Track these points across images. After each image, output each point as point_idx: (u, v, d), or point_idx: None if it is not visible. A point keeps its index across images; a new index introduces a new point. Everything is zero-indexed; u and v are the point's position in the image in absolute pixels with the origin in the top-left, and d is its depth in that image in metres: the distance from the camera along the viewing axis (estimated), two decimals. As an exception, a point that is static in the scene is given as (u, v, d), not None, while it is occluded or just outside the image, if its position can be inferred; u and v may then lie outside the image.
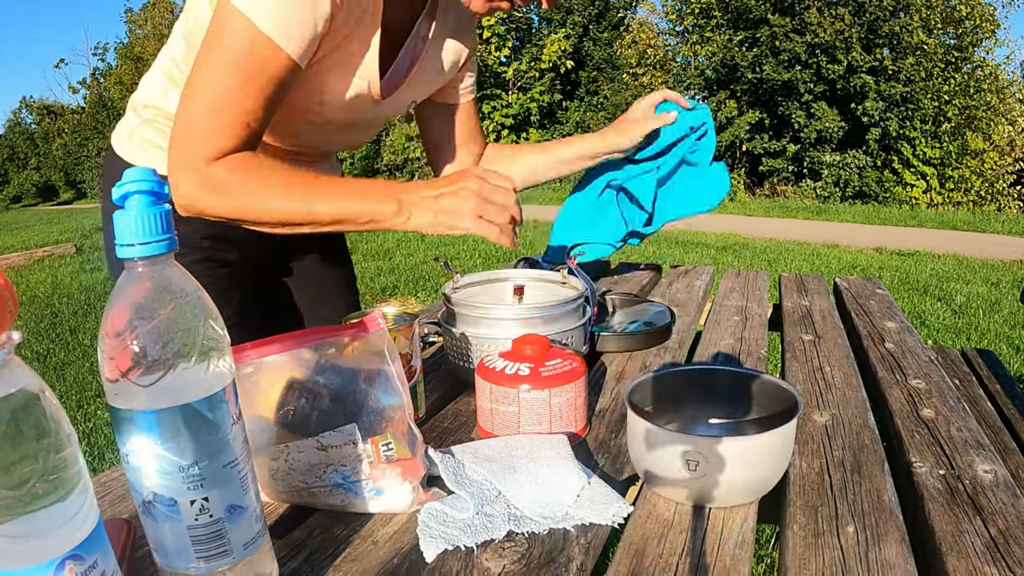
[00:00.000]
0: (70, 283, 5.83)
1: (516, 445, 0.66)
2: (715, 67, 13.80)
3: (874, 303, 1.30)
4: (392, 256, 6.19)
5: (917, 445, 0.71)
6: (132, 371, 0.39)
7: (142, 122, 0.94)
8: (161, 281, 0.41)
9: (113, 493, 0.64)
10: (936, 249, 6.40)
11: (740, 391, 0.69)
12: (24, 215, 20.46)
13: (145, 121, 0.93)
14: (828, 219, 9.28)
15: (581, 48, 17.23)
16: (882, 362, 0.98)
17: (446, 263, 0.98)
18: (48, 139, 31.85)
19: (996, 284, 4.80)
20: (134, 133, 0.94)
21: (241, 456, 0.45)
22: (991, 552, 0.53)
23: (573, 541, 0.54)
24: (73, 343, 3.87)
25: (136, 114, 0.95)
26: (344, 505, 0.59)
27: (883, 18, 12.51)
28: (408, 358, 0.74)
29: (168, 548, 0.44)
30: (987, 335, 3.55)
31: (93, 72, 29.42)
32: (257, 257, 1.05)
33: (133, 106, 0.96)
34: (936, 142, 12.83)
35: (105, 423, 2.67)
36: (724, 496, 0.57)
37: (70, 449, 0.35)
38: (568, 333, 0.87)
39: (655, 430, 0.58)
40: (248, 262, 1.03)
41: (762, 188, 13.76)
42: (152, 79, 0.93)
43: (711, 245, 6.62)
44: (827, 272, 5.15)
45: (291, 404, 0.57)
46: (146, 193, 0.40)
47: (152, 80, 0.93)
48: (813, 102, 13.02)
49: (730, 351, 1.02)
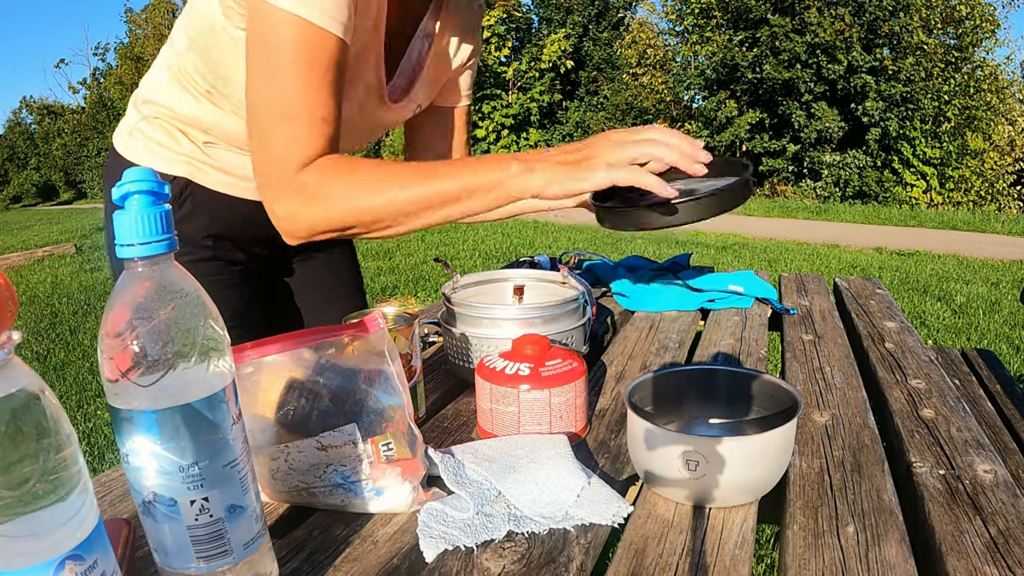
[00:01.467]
0: (70, 283, 5.83)
1: (516, 445, 0.67)
2: (715, 67, 13.81)
3: (874, 303, 1.30)
4: (392, 256, 6.19)
5: (917, 445, 0.71)
6: (132, 371, 0.39)
7: (142, 118, 0.92)
8: (161, 281, 0.41)
9: (113, 493, 0.64)
10: (936, 249, 6.41)
11: (740, 391, 0.69)
12: (24, 215, 20.46)
13: (145, 117, 0.92)
14: (828, 219, 9.28)
15: (581, 48, 17.24)
16: (882, 362, 0.98)
17: (446, 263, 0.98)
18: (48, 139, 31.85)
19: (996, 284, 4.80)
20: (134, 130, 0.93)
21: (241, 456, 0.45)
22: (991, 552, 0.53)
23: (573, 541, 0.54)
24: (73, 343, 3.87)
25: (136, 110, 0.94)
26: (344, 505, 0.59)
27: (883, 18, 12.52)
28: (408, 358, 0.74)
29: (168, 548, 0.44)
30: (987, 335, 3.55)
31: (93, 72, 29.46)
32: (263, 257, 1.04)
33: (134, 102, 0.95)
34: (936, 142, 12.84)
35: (105, 423, 2.67)
36: (724, 496, 0.57)
37: (70, 449, 0.35)
38: (568, 333, 0.87)
39: (655, 430, 0.58)
40: (255, 262, 1.02)
41: (762, 188, 13.76)
42: (154, 74, 0.92)
43: (711, 245, 6.62)
44: (827, 272, 5.15)
45: (291, 404, 0.57)
46: (146, 193, 0.40)
47: (154, 76, 0.92)
48: (813, 102, 13.03)
49: (730, 351, 1.02)
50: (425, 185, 0.72)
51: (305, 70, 0.69)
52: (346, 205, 0.73)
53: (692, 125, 14.46)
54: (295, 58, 0.69)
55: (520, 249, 6.33)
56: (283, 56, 0.69)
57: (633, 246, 6.42)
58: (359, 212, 0.73)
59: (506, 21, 15.87)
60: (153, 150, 0.91)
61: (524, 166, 0.72)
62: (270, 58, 0.70)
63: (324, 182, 0.72)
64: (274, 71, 0.70)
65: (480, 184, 0.72)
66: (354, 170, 0.72)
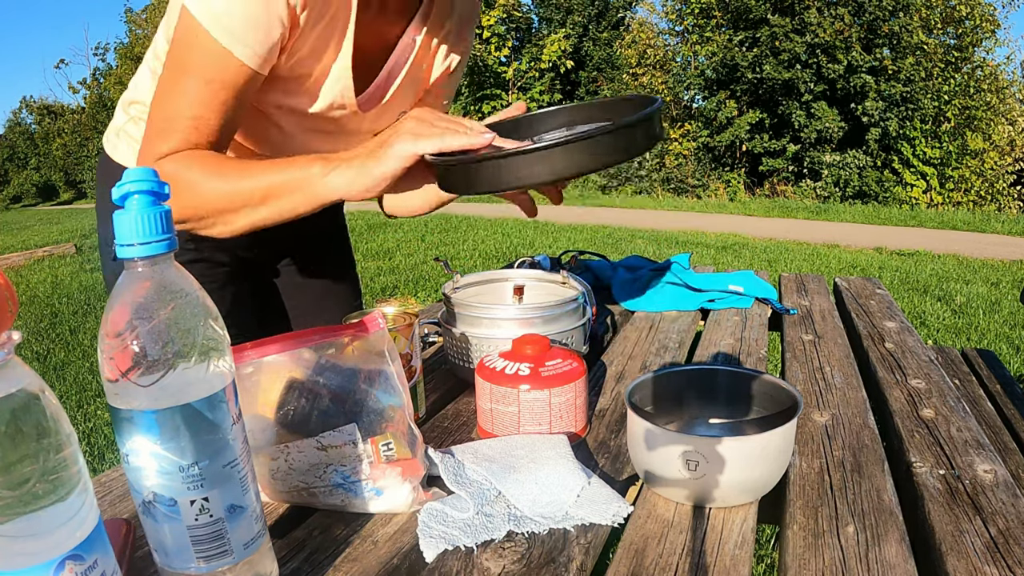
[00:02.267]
0: (70, 283, 5.83)
1: (516, 445, 0.67)
2: (715, 67, 13.81)
3: (874, 303, 1.30)
4: (392, 256, 6.19)
5: (917, 445, 0.71)
6: (132, 371, 0.39)
7: (128, 119, 0.93)
8: (161, 281, 0.41)
9: (113, 493, 0.64)
10: (936, 249, 6.40)
11: (740, 391, 0.70)
12: (24, 215, 20.46)
13: (131, 118, 0.92)
14: (828, 219, 9.28)
15: (581, 48, 17.24)
16: (882, 362, 0.98)
17: (446, 263, 0.99)
18: (48, 139, 31.84)
19: (996, 284, 4.80)
20: (121, 131, 0.94)
21: (241, 456, 0.45)
22: (991, 552, 0.53)
23: (573, 541, 0.54)
24: (73, 343, 3.87)
25: (124, 112, 0.94)
26: (344, 505, 0.59)
27: (883, 18, 12.52)
28: (408, 358, 0.74)
29: (168, 548, 0.44)
30: (987, 335, 3.55)
31: (93, 72, 29.47)
32: (248, 259, 1.03)
33: (122, 104, 0.95)
34: (936, 142, 12.84)
35: (105, 423, 2.67)
36: (724, 496, 0.57)
37: (70, 449, 0.35)
38: (568, 333, 0.87)
39: (655, 430, 0.58)
40: (240, 263, 1.01)
41: (762, 188, 13.77)
42: (139, 76, 0.92)
43: (711, 245, 6.62)
44: (827, 272, 5.15)
45: (291, 404, 0.57)
46: (146, 193, 0.40)
47: (139, 77, 0.92)
48: (813, 102, 13.03)
49: (730, 351, 1.02)
50: (237, 182, 0.73)
51: (199, 84, 0.72)
52: (175, 198, 0.75)
53: (692, 125, 14.45)
54: (193, 70, 0.72)
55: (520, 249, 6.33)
56: (184, 63, 0.72)
57: (633, 246, 6.43)
58: (183, 207, 0.73)
59: (506, 21, 15.88)
60: (134, 148, 0.89)
61: (326, 167, 0.71)
62: (176, 60, 0.73)
63: (168, 175, 0.72)
64: (175, 75, 0.73)
65: (284, 183, 0.72)
66: (191, 165, 0.73)
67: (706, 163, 14.22)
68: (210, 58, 0.70)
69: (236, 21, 0.69)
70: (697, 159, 14.19)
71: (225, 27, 0.69)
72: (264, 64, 0.73)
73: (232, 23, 0.69)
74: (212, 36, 0.69)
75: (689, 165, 14.05)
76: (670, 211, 10.44)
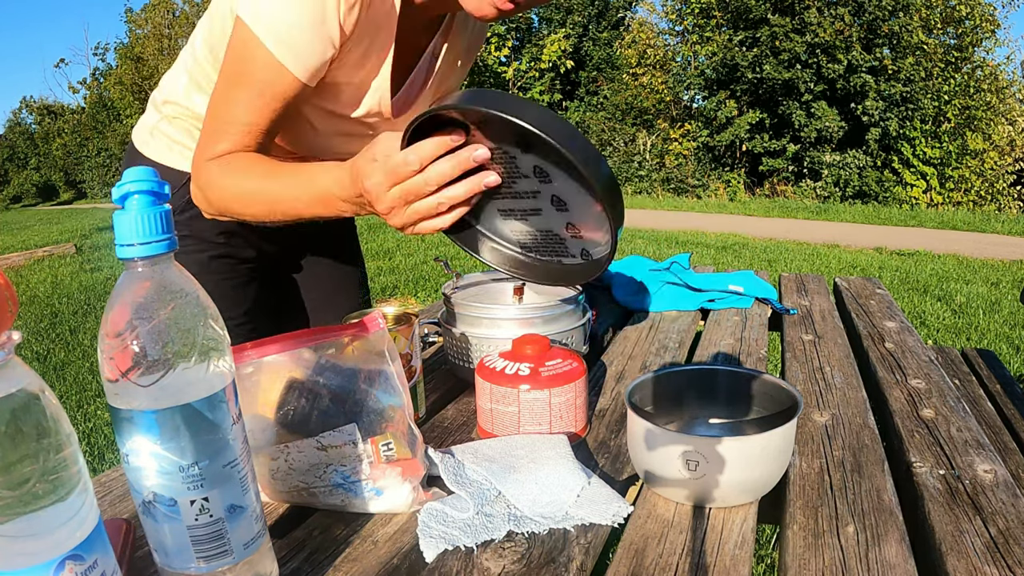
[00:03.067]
0: (70, 283, 5.83)
1: (516, 445, 0.66)
2: (715, 67, 13.80)
3: (874, 303, 1.30)
4: (392, 256, 6.19)
5: (917, 445, 0.71)
6: (132, 371, 0.39)
7: (162, 118, 0.96)
8: (161, 281, 0.41)
9: (113, 493, 0.64)
10: (936, 249, 6.40)
11: (740, 391, 0.70)
12: (24, 215, 20.46)
13: (165, 117, 0.96)
14: (828, 219, 9.28)
15: (581, 48, 17.23)
16: (882, 362, 0.98)
17: (446, 263, 0.98)
18: (48, 139, 31.83)
19: (996, 284, 4.80)
20: (155, 130, 0.97)
21: (241, 456, 0.45)
22: (991, 552, 0.53)
23: (573, 541, 0.54)
24: (73, 343, 3.87)
25: (156, 110, 0.97)
26: (344, 505, 0.59)
27: (883, 18, 12.51)
28: (408, 358, 0.74)
29: (168, 548, 0.44)
30: (987, 335, 3.55)
31: (93, 72, 29.43)
32: (272, 254, 1.07)
33: (153, 103, 0.98)
34: (936, 142, 12.83)
35: (105, 423, 2.67)
36: (724, 496, 0.57)
37: (70, 449, 0.35)
38: (568, 333, 0.87)
39: (655, 430, 0.58)
40: (264, 259, 1.06)
41: (762, 188, 13.76)
42: (174, 77, 0.95)
43: (711, 245, 6.62)
44: (827, 272, 5.15)
45: (291, 404, 0.57)
46: (146, 193, 0.40)
47: (174, 78, 0.95)
48: (813, 102, 13.02)
49: (730, 351, 1.02)
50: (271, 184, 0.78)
51: (252, 95, 0.76)
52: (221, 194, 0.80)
53: (692, 125, 14.45)
54: (247, 81, 0.76)
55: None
56: (239, 73, 0.76)
57: (633, 246, 6.42)
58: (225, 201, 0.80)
59: (506, 21, 15.86)
60: (174, 148, 0.95)
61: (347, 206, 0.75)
62: (231, 69, 0.77)
63: (214, 171, 0.79)
64: (231, 85, 0.77)
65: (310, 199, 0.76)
66: (235, 163, 0.79)
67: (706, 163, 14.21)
68: (266, 72, 0.75)
69: (294, 38, 0.73)
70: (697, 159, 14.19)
71: (283, 42, 0.73)
72: (314, 78, 0.77)
73: (291, 39, 0.73)
74: (269, 51, 0.73)
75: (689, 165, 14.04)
76: (670, 211, 10.45)
